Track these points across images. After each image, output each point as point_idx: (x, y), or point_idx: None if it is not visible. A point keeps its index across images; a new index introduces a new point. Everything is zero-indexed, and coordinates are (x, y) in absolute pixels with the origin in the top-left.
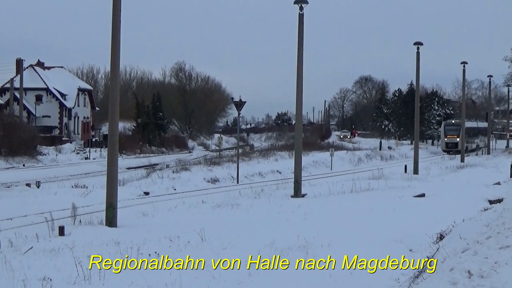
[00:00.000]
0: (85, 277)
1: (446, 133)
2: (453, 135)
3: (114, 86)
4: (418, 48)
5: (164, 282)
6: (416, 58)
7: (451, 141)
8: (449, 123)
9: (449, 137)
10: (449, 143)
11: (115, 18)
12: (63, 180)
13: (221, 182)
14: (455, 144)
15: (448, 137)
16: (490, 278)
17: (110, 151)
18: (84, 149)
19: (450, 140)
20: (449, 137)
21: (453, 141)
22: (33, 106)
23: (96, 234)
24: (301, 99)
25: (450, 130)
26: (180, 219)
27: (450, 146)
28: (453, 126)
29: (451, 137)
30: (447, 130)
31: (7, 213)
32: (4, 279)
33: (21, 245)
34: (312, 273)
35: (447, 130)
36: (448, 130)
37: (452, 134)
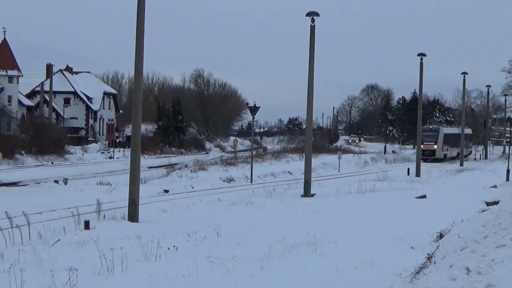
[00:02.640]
0: (108, 268)
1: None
2: (430, 141)
3: (137, 91)
4: (422, 59)
5: (182, 273)
6: (419, 68)
7: (427, 148)
8: (425, 128)
9: (425, 144)
10: (425, 151)
11: (139, 27)
12: (88, 177)
13: (236, 182)
14: (432, 151)
15: (425, 144)
16: (487, 274)
17: (133, 151)
18: (109, 149)
19: (426, 147)
20: (425, 144)
21: (429, 149)
22: (61, 108)
23: (119, 229)
24: (312, 105)
25: (426, 137)
26: (197, 216)
27: (426, 154)
28: (429, 132)
29: (427, 144)
30: (423, 136)
31: (37, 208)
32: (34, 269)
33: (49, 237)
34: (320, 268)
35: (424, 137)
36: (424, 137)
37: (429, 140)
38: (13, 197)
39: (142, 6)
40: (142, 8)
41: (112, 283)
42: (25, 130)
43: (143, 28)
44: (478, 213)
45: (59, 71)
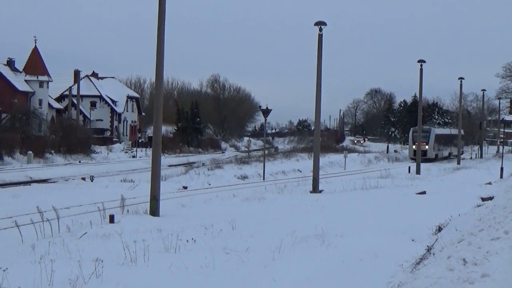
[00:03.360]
0: (131, 259)
1: (414, 140)
2: (422, 142)
3: (158, 95)
4: (421, 65)
5: (199, 264)
6: (419, 73)
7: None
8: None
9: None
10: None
11: (159, 36)
12: (113, 175)
13: (249, 179)
14: (424, 152)
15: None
16: (483, 265)
17: (154, 151)
18: (132, 149)
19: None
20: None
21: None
22: (88, 111)
23: (141, 222)
24: (320, 108)
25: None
26: (213, 210)
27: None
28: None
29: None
30: (415, 137)
31: (65, 203)
32: (62, 260)
33: (76, 230)
34: (327, 259)
35: (416, 137)
36: (416, 137)
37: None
38: (43, 193)
39: (163, 16)
40: (162, 19)
41: (135, 273)
42: (55, 131)
43: (163, 36)
44: (474, 208)
45: (85, 77)
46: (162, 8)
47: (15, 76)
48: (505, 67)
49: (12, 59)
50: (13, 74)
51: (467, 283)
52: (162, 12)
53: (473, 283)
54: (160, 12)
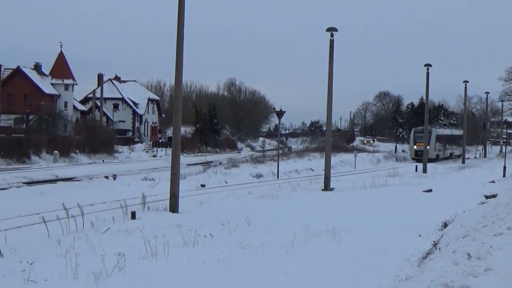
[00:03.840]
0: (152, 253)
1: (415, 141)
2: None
3: (178, 97)
4: (428, 69)
5: (217, 258)
6: (426, 77)
7: (420, 149)
8: (419, 129)
9: (418, 144)
10: (418, 151)
11: (179, 42)
12: (135, 173)
13: (264, 177)
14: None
15: (418, 145)
16: (486, 259)
17: (173, 150)
18: (152, 149)
19: (419, 148)
20: (418, 144)
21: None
22: (111, 112)
23: (161, 219)
24: (331, 109)
25: (420, 138)
26: (230, 207)
27: (419, 154)
28: (423, 133)
29: (420, 145)
30: (416, 137)
31: (89, 200)
32: (87, 254)
33: (100, 226)
34: (338, 253)
35: (417, 138)
36: (418, 138)
37: (422, 141)
38: (69, 191)
39: (182, 23)
40: (181, 25)
41: (155, 267)
42: (79, 132)
43: (183, 42)
44: (478, 205)
45: (108, 80)
46: (181, 15)
47: (42, 79)
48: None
49: (39, 64)
50: (40, 78)
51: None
52: (181, 19)
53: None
54: (179, 19)
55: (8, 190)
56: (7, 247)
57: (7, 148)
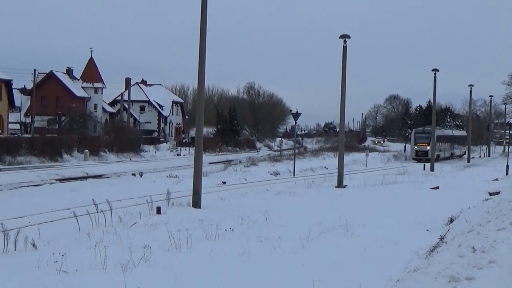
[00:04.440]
0: (176, 246)
1: (416, 141)
2: (423, 143)
3: (200, 100)
4: (435, 73)
5: (236, 251)
6: (433, 81)
7: (421, 149)
8: (419, 130)
9: (419, 145)
10: (419, 151)
11: (201, 47)
12: (160, 171)
13: (281, 175)
14: (425, 152)
15: (418, 145)
16: (490, 253)
17: (196, 150)
18: (176, 148)
19: (420, 148)
20: (419, 145)
21: (423, 149)
22: (137, 114)
23: (185, 213)
24: (344, 111)
25: (420, 138)
26: (249, 203)
27: (419, 154)
28: (423, 134)
29: (421, 145)
30: (417, 138)
31: (117, 196)
32: (115, 246)
33: (127, 220)
34: (351, 246)
35: (418, 138)
36: (418, 138)
37: (422, 142)
38: (98, 187)
39: (204, 31)
40: (204, 33)
41: (179, 258)
42: (108, 132)
43: (205, 49)
44: (482, 201)
45: (135, 84)
46: (204, 24)
47: (73, 83)
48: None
49: (71, 68)
50: (72, 82)
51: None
52: (204, 27)
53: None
54: (202, 27)
55: (42, 187)
56: (41, 239)
57: (41, 147)
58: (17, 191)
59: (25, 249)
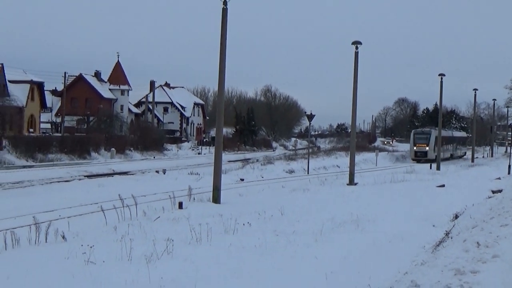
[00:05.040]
0: (197, 239)
1: (415, 142)
2: (422, 143)
3: (220, 102)
4: (442, 78)
5: (254, 244)
6: (439, 85)
7: (420, 150)
8: (418, 131)
9: (418, 145)
10: (418, 152)
11: (222, 52)
12: (182, 169)
13: (296, 173)
14: (424, 153)
15: (417, 145)
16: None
17: (216, 149)
18: (197, 147)
19: (419, 149)
20: (418, 145)
21: (421, 150)
22: (161, 115)
23: (205, 208)
24: (355, 113)
25: (419, 139)
26: (266, 199)
27: (418, 155)
28: (422, 135)
29: (420, 146)
30: (416, 138)
31: (142, 192)
32: (140, 239)
33: (151, 214)
34: (361, 241)
35: (417, 139)
36: (417, 139)
37: (421, 143)
38: (124, 183)
39: (224, 36)
40: (224, 38)
41: (199, 251)
42: (133, 132)
43: (225, 53)
44: (485, 199)
45: (159, 86)
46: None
47: (101, 85)
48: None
49: (99, 71)
50: (100, 84)
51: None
52: (224, 33)
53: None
54: (223, 33)
55: (71, 182)
56: (70, 232)
57: (70, 146)
58: (48, 186)
59: (55, 241)
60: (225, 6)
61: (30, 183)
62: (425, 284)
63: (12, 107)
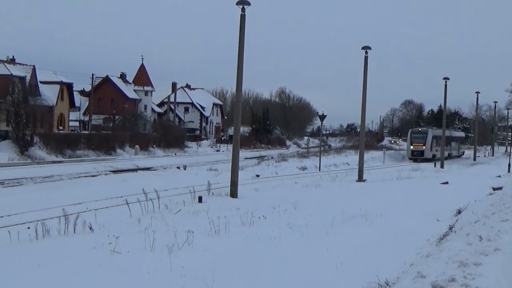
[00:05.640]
0: (215, 231)
1: (412, 141)
2: (419, 143)
3: (238, 103)
4: (446, 82)
5: (268, 236)
6: (444, 88)
7: (416, 149)
8: (415, 130)
9: (415, 145)
10: (415, 151)
11: (240, 56)
12: (201, 165)
13: (308, 170)
14: (421, 152)
15: (414, 145)
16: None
17: (234, 146)
18: (216, 145)
19: (415, 148)
20: (415, 145)
21: (418, 149)
22: (182, 114)
23: (223, 202)
24: (365, 114)
25: (416, 138)
26: (280, 194)
27: (415, 154)
28: (419, 134)
29: (417, 145)
30: (413, 138)
31: (164, 186)
32: (162, 231)
33: (173, 208)
34: (369, 233)
35: (413, 138)
36: (414, 138)
37: (418, 142)
38: (147, 178)
39: (242, 41)
40: (242, 43)
41: (218, 242)
42: (156, 130)
43: (243, 56)
44: (487, 195)
45: (181, 88)
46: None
47: (126, 86)
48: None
49: (124, 73)
50: (125, 85)
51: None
52: (242, 39)
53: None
54: (241, 39)
55: (98, 177)
56: (97, 223)
57: (97, 142)
58: (76, 181)
59: (83, 231)
60: (243, 12)
61: (59, 177)
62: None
63: (43, 106)
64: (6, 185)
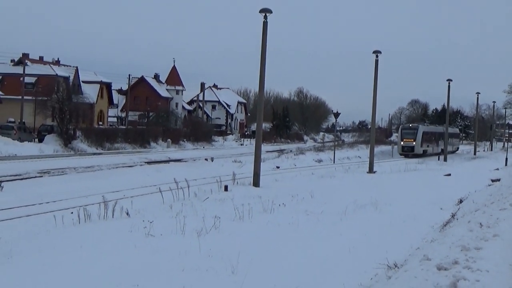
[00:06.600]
0: (240, 217)
1: (402, 137)
2: (410, 139)
3: (260, 101)
4: (449, 83)
5: (288, 222)
6: (447, 89)
7: (407, 144)
8: (406, 126)
9: (405, 140)
10: (405, 147)
11: (262, 59)
12: (227, 157)
13: (323, 162)
14: (411, 148)
15: (405, 140)
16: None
17: (257, 140)
18: (240, 139)
19: (406, 144)
20: (405, 140)
21: (409, 145)
22: (210, 111)
23: (247, 191)
24: (375, 112)
25: (406, 134)
26: (298, 184)
27: (405, 149)
28: (409, 130)
29: (407, 141)
30: (404, 134)
31: (193, 176)
32: (191, 216)
33: (201, 196)
34: (379, 221)
35: (404, 134)
36: (405, 134)
37: (409, 138)
38: (178, 169)
39: (265, 45)
40: (264, 46)
41: (242, 226)
42: (186, 125)
43: (265, 58)
44: (486, 186)
45: (208, 87)
46: (264, 40)
47: (159, 86)
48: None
49: (157, 74)
50: (158, 85)
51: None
52: (264, 42)
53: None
54: (263, 43)
55: (134, 167)
56: (133, 209)
57: (133, 136)
58: (114, 171)
59: (120, 216)
60: (265, 19)
61: (99, 167)
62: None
63: (84, 104)
64: (51, 174)
